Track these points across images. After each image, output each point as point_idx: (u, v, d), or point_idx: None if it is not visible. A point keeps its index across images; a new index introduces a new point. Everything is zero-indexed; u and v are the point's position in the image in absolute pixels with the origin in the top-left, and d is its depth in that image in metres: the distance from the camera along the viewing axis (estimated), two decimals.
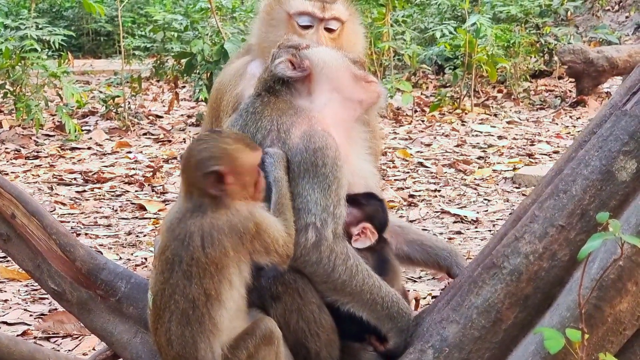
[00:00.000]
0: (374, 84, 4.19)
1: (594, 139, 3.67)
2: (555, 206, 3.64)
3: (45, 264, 4.25)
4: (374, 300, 3.91)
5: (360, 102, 4.14)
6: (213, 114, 4.98)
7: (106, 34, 22.92)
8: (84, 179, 10.21)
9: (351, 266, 3.86)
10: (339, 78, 4.11)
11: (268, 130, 3.95)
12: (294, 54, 4.09)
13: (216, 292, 3.63)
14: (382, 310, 3.93)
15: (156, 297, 3.74)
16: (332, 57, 4.16)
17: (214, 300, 3.63)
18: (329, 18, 4.81)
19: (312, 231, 3.80)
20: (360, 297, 3.89)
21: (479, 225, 8.25)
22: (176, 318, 3.68)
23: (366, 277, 3.89)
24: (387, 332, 3.96)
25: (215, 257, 3.62)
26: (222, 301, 3.64)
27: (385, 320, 3.95)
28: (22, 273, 5.59)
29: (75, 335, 5.81)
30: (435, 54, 15.95)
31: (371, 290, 3.90)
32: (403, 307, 3.97)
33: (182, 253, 3.65)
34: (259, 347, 3.67)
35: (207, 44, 12.97)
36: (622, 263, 3.40)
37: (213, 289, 3.63)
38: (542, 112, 14.36)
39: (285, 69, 4.05)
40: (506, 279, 3.68)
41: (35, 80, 12.73)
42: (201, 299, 3.64)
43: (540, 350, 3.47)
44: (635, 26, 19.29)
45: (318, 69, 4.08)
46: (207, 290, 3.63)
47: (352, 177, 4.04)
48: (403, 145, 11.91)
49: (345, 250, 3.88)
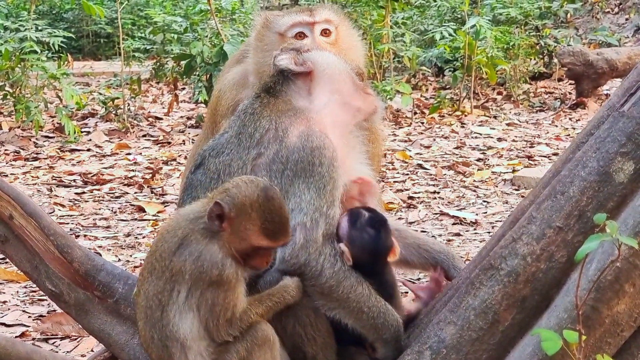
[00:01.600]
0: (372, 96, 4.21)
1: (592, 140, 3.67)
2: (552, 207, 3.64)
3: (43, 265, 4.26)
4: (360, 309, 3.89)
5: (359, 110, 4.15)
6: (212, 119, 4.98)
7: (106, 35, 22.90)
8: (83, 180, 10.20)
9: (339, 270, 3.84)
10: (340, 81, 4.13)
11: (266, 129, 3.96)
12: (296, 55, 4.11)
13: (166, 299, 3.66)
14: (368, 320, 3.91)
15: (136, 296, 3.81)
16: (334, 60, 4.20)
17: (166, 305, 3.68)
18: (320, 21, 4.81)
19: (300, 232, 3.80)
20: (346, 304, 3.87)
21: (478, 227, 8.24)
22: (144, 317, 3.74)
23: (354, 284, 3.87)
24: (372, 342, 3.96)
25: (173, 269, 3.65)
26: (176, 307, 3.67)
27: (370, 330, 3.94)
28: (21, 274, 5.58)
29: (74, 337, 5.80)
30: (435, 56, 15.94)
31: (358, 299, 3.87)
32: (390, 320, 3.94)
33: (162, 252, 3.72)
34: (252, 351, 3.67)
35: (207, 46, 12.97)
36: (620, 264, 3.41)
37: (166, 294, 3.67)
38: (541, 114, 14.35)
39: (288, 63, 4.07)
40: (504, 280, 3.68)
41: (35, 82, 12.73)
42: (155, 301, 3.70)
43: (537, 352, 3.47)
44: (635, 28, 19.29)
45: (320, 69, 4.11)
46: (160, 295, 3.68)
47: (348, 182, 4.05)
48: (402, 147, 11.91)
49: (334, 253, 3.86)
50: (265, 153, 3.93)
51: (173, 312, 3.65)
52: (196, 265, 3.62)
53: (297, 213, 3.82)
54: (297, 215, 3.82)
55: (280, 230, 3.68)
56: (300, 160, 3.87)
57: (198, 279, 3.61)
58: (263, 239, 3.65)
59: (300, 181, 3.85)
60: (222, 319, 3.63)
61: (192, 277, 3.62)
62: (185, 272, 3.63)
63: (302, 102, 4.06)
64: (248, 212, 3.63)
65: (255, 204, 3.63)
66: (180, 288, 3.64)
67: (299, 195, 3.84)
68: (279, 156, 3.91)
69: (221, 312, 3.63)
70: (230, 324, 3.65)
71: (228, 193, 3.66)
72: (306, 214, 3.81)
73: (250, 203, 3.63)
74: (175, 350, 3.66)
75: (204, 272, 3.61)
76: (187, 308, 3.64)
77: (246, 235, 3.64)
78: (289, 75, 4.11)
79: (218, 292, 3.62)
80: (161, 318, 3.68)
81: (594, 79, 14.63)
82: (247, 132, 3.98)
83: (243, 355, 3.66)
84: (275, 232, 3.66)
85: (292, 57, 4.10)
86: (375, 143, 4.64)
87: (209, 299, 3.62)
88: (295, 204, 3.83)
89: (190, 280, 3.62)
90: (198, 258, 3.62)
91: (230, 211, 3.62)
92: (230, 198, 3.64)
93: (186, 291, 3.64)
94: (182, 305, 3.64)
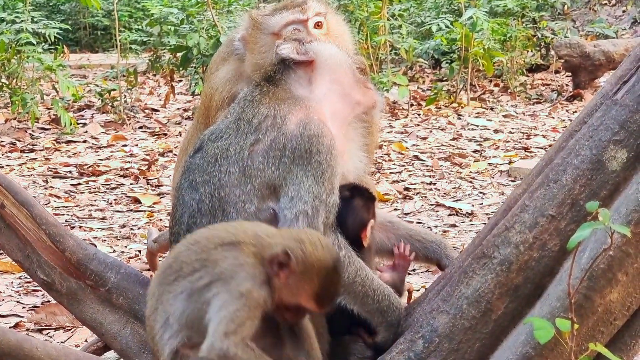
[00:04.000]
0: (372, 91, 4.21)
1: (585, 128, 3.66)
2: (545, 196, 3.63)
3: (35, 254, 4.25)
4: (365, 293, 3.91)
5: (358, 103, 4.15)
6: (205, 114, 4.94)
7: (103, 28, 22.87)
8: (79, 172, 10.19)
9: (343, 257, 3.84)
10: (341, 72, 4.14)
11: (265, 115, 3.96)
12: (299, 45, 4.11)
13: (186, 272, 3.55)
14: (373, 303, 3.93)
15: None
16: (336, 52, 4.22)
17: (182, 277, 3.56)
18: (312, 16, 4.81)
19: (302, 221, 3.80)
20: (352, 290, 3.89)
21: (474, 218, 8.24)
22: (158, 277, 3.67)
23: (358, 269, 3.90)
24: (377, 325, 3.97)
25: (209, 258, 3.52)
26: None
27: (375, 314, 3.95)
28: (15, 265, 5.57)
29: (68, 328, 5.80)
30: (432, 48, 15.90)
31: (363, 283, 3.90)
32: (394, 302, 3.97)
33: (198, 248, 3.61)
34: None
35: (203, 38, 12.94)
36: (612, 253, 3.40)
37: (189, 267, 3.55)
38: (538, 106, 14.33)
39: (290, 52, 4.07)
40: (496, 269, 3.67)
41: (31, 74, 12.71)
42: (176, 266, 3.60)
43: (530, 340, 3.46)
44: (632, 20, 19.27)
45: (322, 59, 4.12)
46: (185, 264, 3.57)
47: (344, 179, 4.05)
48: (399, 138, 11.89)
49: (337, 241, 3.88)
50: (263, 139, 3.92)
51: (181, 287, 3.52)
52: (233, 269, 3.45)
53: (297, 201, 3.82)
54: (297, 203, 3.82)
55: (332, 301, 3.60)
56: (298, 148, 3.86)
57: (225, 280, 3.44)
58: (313, 304, 3.53)
59: (298, 168, 3.85)
60: (223, 328, 3.38)
61: (221, 276, 3.45)
62: (217, 267, 3.47)
63: (302, 91, 4.06)
64: (313, 275, 3.49)
65: (324, 271, 3.50)
66: (204, 275, 3.48)
67: (298, 183, 3.84)
68: (276, 143, 3.90)
69: (227, 320, 3.39)
70: (228, 337, 3.37)
71: (301, 247, 3.50)
72: (307, 202, 3.81)
73: (319, 268, 3.49)
74: (158, 321, 3.57)
75: (236, 278, 3.43)
76: (198, 296, 3.47)
77: (298, 293, 3.51)
78: (290, 65, 4.11)
79: (235, 302, 3.40)
80: (171, 283, 3.55)
81: (591, 71, 14.60)
82: (245, 118, 3.98)
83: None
84: (326, 301, 3.56)
85: (295, 47, 4.10)
86: (371, 135, 4.63)
87: (223, 300, 3.41)
88: (294, 191, 3.84)
89: (218, 276, 3.45)
90: (240, 265, 3.46)
91: (297, 266, 3.48)
92: (302, 254, 3.49)
93: (208, 281, 3.46)
94: (196, 290, 3.48)
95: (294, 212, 3.80)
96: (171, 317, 3.55)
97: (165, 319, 3.56)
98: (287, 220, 3.82)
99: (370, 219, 4.08)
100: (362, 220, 4.07)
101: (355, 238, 4.02)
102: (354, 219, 4.04)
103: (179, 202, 4.02)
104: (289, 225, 3.81)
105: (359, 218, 4.07)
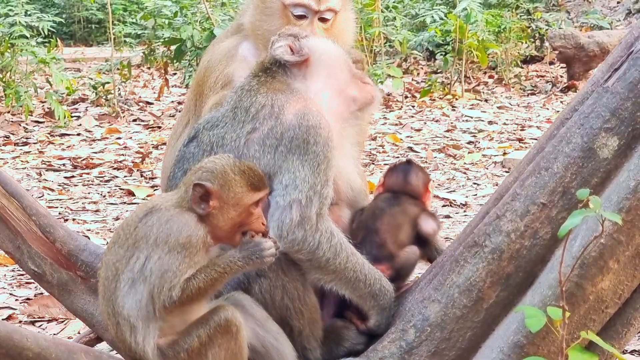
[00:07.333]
0: (370, 86, 4.20)
1: (576, 116, 3.65)
2: (536, 184, 3.63)
3: (25, 245, 4.23)
4: (357, 278, 3.93)
5: (354, 100, 4.15)
6: (197, 90, 4.96)
7: (97, 21, 22.87)
8: (72, 165, 10.18)
9: (335, 244, 3.88)
10: (336, 68, 4.15)
11: (262, 104, 3.97)
12: (294, 41, 4.11)
13: (123, 267, 3.56)
14: (365, 287, 3.95)
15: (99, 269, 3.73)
16: (332, 48, 4.22)
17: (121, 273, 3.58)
18: (324, 10, 4.82)
19: (296, 209, 3.81)
20: (343, 275, 3.92)
21: (468, 209, 8.25)
22: (102, 290, 3.66)
23: (350, 255, 3.92)
24: (368, 309, 3.98)
25: (137, 235, 3.56)
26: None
27: (367, 298, 3.97)
28: (8, 258, 5.57)
29: (61, 320, 5.79)
30: (426, 40, 15.90)
31: (354, 268, 3.93)
32: (385, 285, 3.99)
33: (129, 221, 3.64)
34: (214, 337, 3.53)
35: (197, 30, 12.93)
36: (604, 240, 3.40)
37: (123, 262, 3.57)
38: (533, 97, 14.34)
39: (283, 53, 4.08)
40: (488, 257, 3.67)
41: (25, 67, 12.69)
42: (113, 271, 3.59)
43: (521, 329, 3.46)
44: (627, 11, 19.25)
45: (316, 56, 4.12)
46: (118, 263, 3.58)
47: (336, 175, 4.05)
48: (393, 130, 11.89)
49: (329, 228, 3.90)
50: (260, 128, 3.93)
51: (124, 282, 3.52)
52: (164, 228, 3.52)
53: (291, 189, 3.83)
54: (292, 191, 3.83)
55: (262, 178, 3.67)
56: (295, 138, 3.87)
57: (163, 242, 3.49)
58: (253, 193, 3.60)
59: (294, 157, 3.86)
60: (167, 286, 3.46)
61: (157, 242, 3.50)
62: (149, 237, 3.52)
63: (298, 84, 4.07)
64: (231, 177, 3.58)
65: (234, 167, 3.60)
66: (140, 254, 3.52)
67: (293, 172, 3.85)
68: (273, 132, 3.90)
69: (170, 278, 3.47)
70: (172, 290, 3.45)
71: (203, 171, 3.61)
72: (301, 191, 3.83)
73: (231, 168, 3.60)
74: (126, 329, 3.55)
75: (172, 234, 3.50)
76: (141, 278, 3.50)
77: (237, 199, 3.58)
78: (284, 63, 4.11)
79: (177, 257, 3.48)
80: (115, 290, 3.56)
81: (585, 62, 14.61)
82: (242, 107, 3.99)
83: (204, 341, 3.53)
84: (259, 181, 3.64)
85: (289, 44, 4.09)
86: (362, 131, 4.65)
87: (165, 263, 3.47)
88: (289, 179, 3.85)
89: (154, 245, 3.50)
90: (167, 221, 3.54)
91: (214, 185, 3.56)
92: (208, 173, 3.59)
93: (145, 257, 3.51)
94: (137, 273, 3.50)
95: (288, 200, 3.82)
96: (132, 318, 3.54)
97: (129, 326, 3.55)
98: (280, 208, 3.83)
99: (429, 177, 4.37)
100: (424, 177, 4.32)
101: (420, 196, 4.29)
102: (417, 176, 4.31)
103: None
104: (281, 213, 3.83)
105: (422, 175, 4.31)
